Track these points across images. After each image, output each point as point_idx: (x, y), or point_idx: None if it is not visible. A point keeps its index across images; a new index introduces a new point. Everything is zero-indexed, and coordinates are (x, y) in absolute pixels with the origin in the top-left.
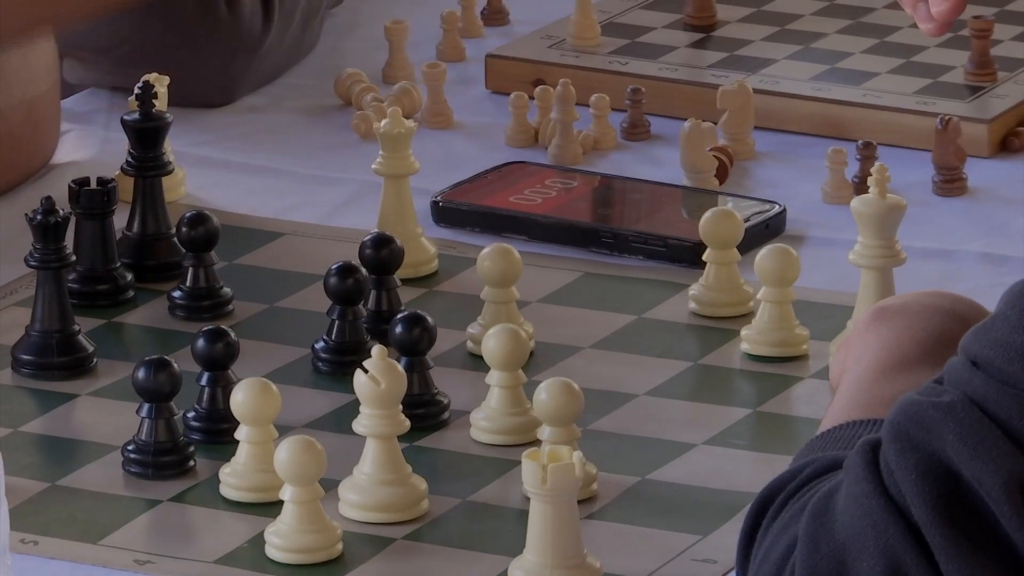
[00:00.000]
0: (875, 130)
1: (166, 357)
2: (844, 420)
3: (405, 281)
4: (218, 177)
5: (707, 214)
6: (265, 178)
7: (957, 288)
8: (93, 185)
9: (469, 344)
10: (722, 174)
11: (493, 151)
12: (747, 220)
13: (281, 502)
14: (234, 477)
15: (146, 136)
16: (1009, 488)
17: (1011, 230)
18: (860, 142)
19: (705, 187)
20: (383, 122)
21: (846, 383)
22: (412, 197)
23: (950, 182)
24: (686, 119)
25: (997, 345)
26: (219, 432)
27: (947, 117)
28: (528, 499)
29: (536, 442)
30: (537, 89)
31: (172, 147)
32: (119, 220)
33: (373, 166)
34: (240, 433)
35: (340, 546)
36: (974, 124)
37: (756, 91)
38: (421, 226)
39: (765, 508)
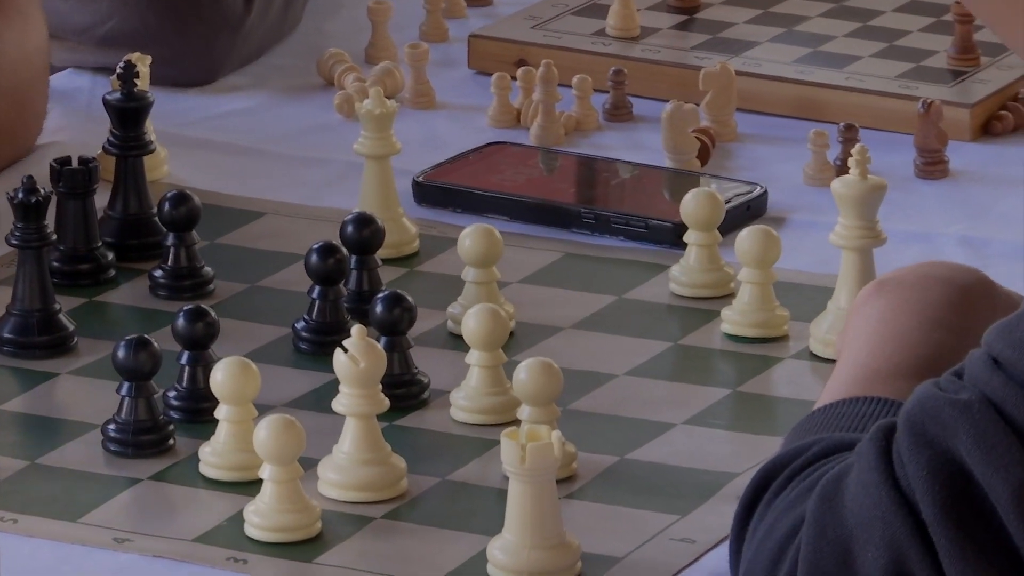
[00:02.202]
0: (857, 113)
1: (146, 336)
2: (843, 396)
3: (386, 261)
4: (200, 157)
5: (688, 195)
6: (247, 158)
7: None
8: (75, 164)
9: (449, 324)
10: (704, 156)
11: (475, 132)
12: (729, 202)
13: (260, 481)
14: (214, 456)
15: (128, 116)
16: (1019, 496)
17: (992, 214)
18: (842, 124)
19: (687, 168)
20: (365, 102)
21: (844, 358)
22: (394, 177)
23: (932, 165)
24: (668, 101)
25: (1020, 346)
26: (199, 411)
27: (929, 100)
28: (507, 478)
29: (515, 422)
30: (520, 70)
31: (154, 127)
32: (100, 200)
33: (355, 146)
34: (220, 412)
35: (319, 525)
36: (956, 108)
37: (739, 73)
38: (403, 206)
39: (767, 484)
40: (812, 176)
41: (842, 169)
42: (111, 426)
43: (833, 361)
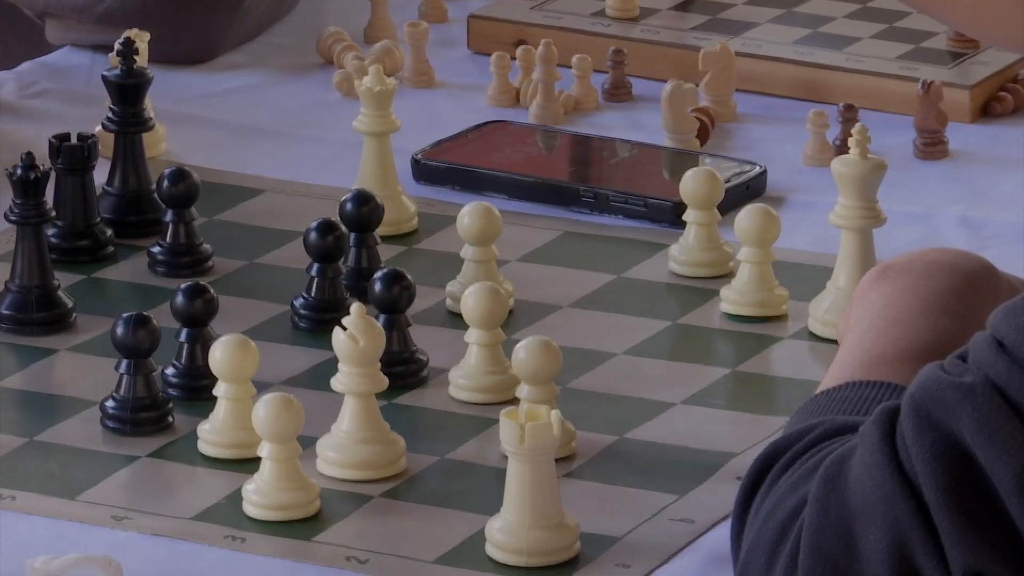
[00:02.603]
0: (857, 95)
1: (145, 313)
2: (847, 379)
3: (385, 239)
4: (199, 134)
5: (688, 174)
6: (246, 136)
7: None
8: (73, 141)
9: (448, 302)
10: (703, 136)
11: (475, 111)
12: (728, 181)
13: (259, 459)
14: (212, 434)
15: (127, 92)
16: (1021, 480)
17: (991, 194)
18: (842, 105)
19: (686, 148)
20: (364, 80)
21: (848, 342)
22: (393, 155)
23: (931, 145)
24: (668, 81)
25: None
26: (198, 389)
27: (929, 81)
28: (506, 458)
29: (514, 400)
30: (519, 50)
31: (152, 104)
32: (99, 176)
33: (354, 124)
34: (219, 390)
35: (318, 503)
36: (956, 90)
37: (738, 54)
38: (401, 184)
39: (769, 465)
40: (811, 156)
41: (841, 149)
42: (109, 403)
43: (832, 341)
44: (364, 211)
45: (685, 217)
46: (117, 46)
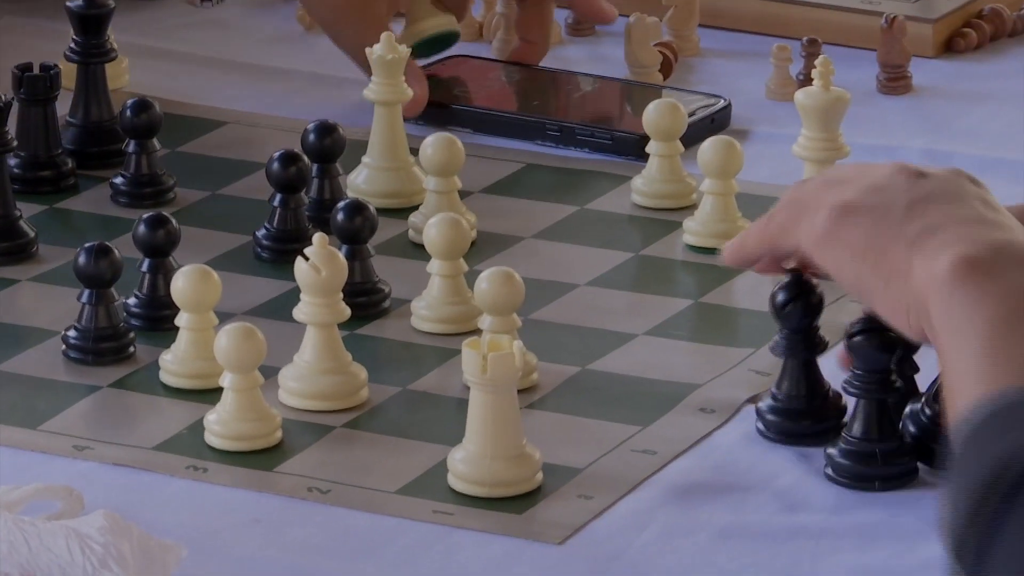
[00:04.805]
0: (820, 29)
1: (107, 243)
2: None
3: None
4: (161, 67)
5: (651, 105)
6: (209, 68)
7: None
8: (36, 71)
9: (411, 233)
10: (666, 69)
11: None
12: (692, 114)
13: (221, 389)
14: (174, 364)
15: (90, 23)
16: None
17: (954, 128)
18: (805, 39)
19: (649, 82)
20: (376, 47)
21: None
22: (403, 125)
23: (895, 80)
24: (631, 15)
25: None
26: (159, 319)
27: (892, 15)
28: (468, 388)
29: (476, 331)
30: None
31: (115, 37)
32: (62, 107)
33: (364, 92)
34: (180, 320)
35: (279, 434)
36: (919, 24)
37: None
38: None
39: (1001, 480)
40: (774, 90)
41: (805, 83)
42: (71, 333)
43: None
44: (327, 142)
45: (648, 149)
46: None
